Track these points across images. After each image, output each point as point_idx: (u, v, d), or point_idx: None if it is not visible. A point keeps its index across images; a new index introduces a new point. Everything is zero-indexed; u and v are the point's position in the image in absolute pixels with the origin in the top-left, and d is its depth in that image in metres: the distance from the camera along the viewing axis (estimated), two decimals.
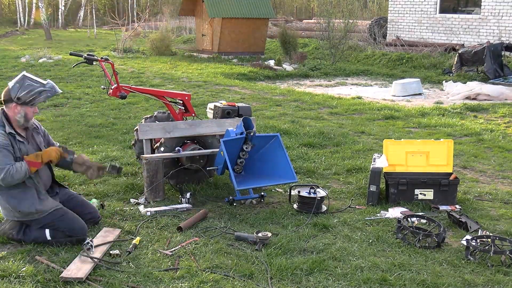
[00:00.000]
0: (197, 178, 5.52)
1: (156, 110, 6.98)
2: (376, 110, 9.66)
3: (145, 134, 5.25)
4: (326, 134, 7.61)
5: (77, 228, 4.09)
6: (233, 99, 10.27)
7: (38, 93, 4.02)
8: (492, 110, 9.82)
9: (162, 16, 31.43)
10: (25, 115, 4.05)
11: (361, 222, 4.60)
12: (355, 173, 6.00)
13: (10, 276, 3.58)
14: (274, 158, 5.10)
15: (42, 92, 4.05)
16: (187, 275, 3.64)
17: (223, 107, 5.88)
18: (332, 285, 3.55)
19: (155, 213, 4.73)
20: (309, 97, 10.98)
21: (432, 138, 7.23)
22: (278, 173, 5.04)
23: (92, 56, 5.36)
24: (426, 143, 5.39)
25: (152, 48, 19.49)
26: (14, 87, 4.00)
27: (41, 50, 17.11)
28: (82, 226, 4.13)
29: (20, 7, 36.41)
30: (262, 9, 19.10)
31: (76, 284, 3.48)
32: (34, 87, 4.02)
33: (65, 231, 4.05)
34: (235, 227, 4.49)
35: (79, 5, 40.84)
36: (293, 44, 17.76)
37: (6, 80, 12.53)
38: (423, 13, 18.51)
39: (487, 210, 4.95)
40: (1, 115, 4.05)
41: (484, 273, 3.72)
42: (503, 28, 16.12)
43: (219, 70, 14.96)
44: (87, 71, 13.78)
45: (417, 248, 4.09)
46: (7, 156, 3.93)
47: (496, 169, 6.26)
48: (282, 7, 42.04)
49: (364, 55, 18.19)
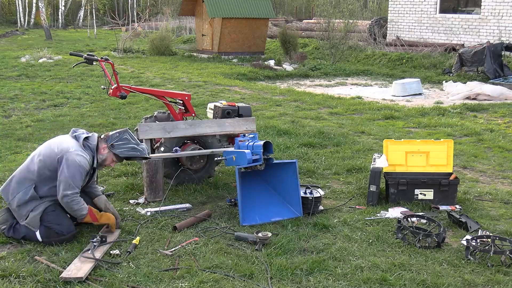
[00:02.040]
0: (197, 178, 5.52)
1: (156, 110, 6.98)
2: (376, 110, 9.66)
3: (145, 134, 5.25)
4: (326, 134, 7.61)
5: (65, 224, 4.10)
6: (233, 99, 10.27)
7: (130, 148, 4.28)
8: (492, 110, 9.82)
9: (162, 16, 31.44)
10: (104, 159, 4.28)
11: (361, 222, 4.60)
12: (355, 173, 6.00)
13: (10, 276, 3.58)
14: (286, 183, 4.87)
15: (133, 149, 4.30)
16: (187, 275, 3.63)
17: (223, 107, 5.88)
18: (332, 285, 3.55)
19: (155, 213, 4.73)
20: (309, 97, 10.98)
21: (432, 138, 7.23)
22: (286, 198, 4.85)
23: (92, 56, 5.36)
24: (426, 143, 5.39)
25: (152, 48, 19.48)
26: (113, 136, 4.32)
27: (41, 50, 17.10)
28: (70, 224, 4.15)
29: (20, 7, 36.40)
30: (262, 9, 19.09)
31: (76, 284, 3.48)
32: (129, 142, 4.29)
33: (51, 225, 4.05)
34: (235, 227, 4.49)
35: (79, 5, 40.83)
36: (293, 44, 17.76)
37: (6, 80, 12.55)
38: (423, 13, 18.50)
39: (487, 210, 4.95)
40: (95, 147, 4.25)
41: (484, 273, 3.72)
42: (503, 28, 16.11)
43: (219, 70, 14.96)
44: (87, 71, 13.78)
45: (417, 248, 4.09)
46: (82, 181, 4.14)
47: (496, 169, 6.26)
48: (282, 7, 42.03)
49: (364, 55, 18.19)
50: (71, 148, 4.10)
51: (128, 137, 4.31)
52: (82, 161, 4.08)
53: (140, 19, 27.22)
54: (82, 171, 4.08)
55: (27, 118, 8.68)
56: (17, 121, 8.53)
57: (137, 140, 4.40)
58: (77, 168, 4.04)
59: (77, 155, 4.08)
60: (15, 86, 11.76)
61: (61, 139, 4.27)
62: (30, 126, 8.18)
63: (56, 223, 4.07)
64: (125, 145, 4.27)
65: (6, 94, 10.77)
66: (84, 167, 4.09)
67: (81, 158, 4.08)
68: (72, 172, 4.02)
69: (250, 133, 5.20)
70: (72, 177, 4.02)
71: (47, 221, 4.08)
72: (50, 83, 12.26)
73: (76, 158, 4.05)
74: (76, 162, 4.04)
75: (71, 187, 4.01)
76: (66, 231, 4.08)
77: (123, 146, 4.27)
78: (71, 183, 4.01)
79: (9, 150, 6.81)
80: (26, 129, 7.99)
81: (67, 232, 4.09)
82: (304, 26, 23.71)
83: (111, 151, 4.26)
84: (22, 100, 10.27)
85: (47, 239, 4.06)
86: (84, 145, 4.20)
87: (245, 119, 5.71)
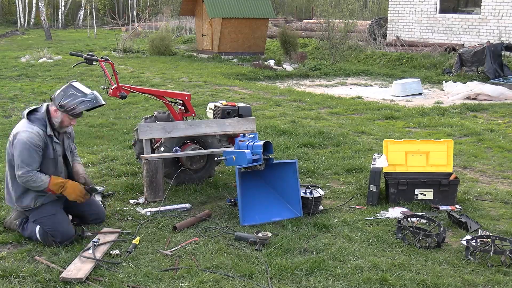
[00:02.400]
0: (197, 178, 5.52)
1: (156, 110, 6.98)
2: (376, 110, 9.66)
3: (145, 134, 5.25)
4: (326, 134, 7.61)
5: (60, 231, 4.05)
6: (233, 99, 10.28)
7: (79, 102, 4.09)
8: (492, 110, 9.82)
9: (162, 16, 31.44)
10: (61, 122, 4.15)
11: (361, 222, 4.60)
12: (355, 173, 6.00)
13: (10, 276, 3.58)
14: (286, 183, 4.87)
15: (83, 102, 4.11)
16: (187, 275, 3.63)
17: (223, 107, 5.87)
18: (332, 285, 3.55)
19: (155, 213, 4.73)
20: (309, 97, 10.98)
21: (432, 138, 7.24)
22: (286, 198, 4.85)
23: (92, 56, 5.36)
24: (426, 143, 5.39)
25: (152, 48, 19.48)
26: (58, 95, 4.11)
27: (41, 50, 17.09)
28: (66, 231, 4.08)
29: (20, 7, 36.40)
30: (262, 9, 19.09)
31: (76, 284, 3.48)
32: (76, 97, 4.10)
33: (48, 230, 4.04)
34: (235, 227, 4.49)
35: (79, 5, 40.83)
36: (293, 44, 17.76)
37: (6, 80, 12.55)
38: (423, 13, 18.50)
39: (487, 210, 4.95)
40: (45, 113, 4.12)
41: (484, 273, 3.72)
42: (503, 28, 16.11)
43: (219, 70, 14.96)
44: (87, 71, 13.78)
45: (417, 248, 4.09)
46: (33, 158, 4.00)
47: (496, 169, 6.26)
48: (282, 7, 42.03)
49: (364, 55, 18.19)
50: (19, 129, 4.03)
51: (74, 92, 4.10)
52: (28, 136, 3.97)
53: (140, 19, 27.23)
54: (30, 147, 3.96)
55: None
56: (17, 121, 8.52)
57: (84, 91, 4.17)
58: (23, 145, 3.95)
59: (23, 132, 4.00)
60: (15, 86, 11.76)
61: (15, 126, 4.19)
62: None
63: (53, 229, 4.04)
64: (73, 101, 4.06)
65: (6, 94, 10.78)
66: (31, 141, 3.97)
67: (26, 134, 3.98)
68: (19, 152, 3.96)
69: (250, 133, 5.19)
70: (20, 156, 3.95)
71: (44, 224, 4.06)
72: (50, 83, 12.26)
73: (22, 136, 3.98)
74: (21, 141, 3.96)
75: (21, 167, 3.96)
76: (61, 239, 4.04)
77: (72, 103, 4.06)
78: (19, 163, 3.96)
79: None
80: None
81: (62, 240, 4.04)
82: (304, 26, 23.71)
83: (62, 112, 4.10)
84: (22, 100, 10.27)
85: (44, 241, 4.07)
86: (31, 119, 4.08)
87: (245, 119, 5.71)
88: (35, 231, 4.10)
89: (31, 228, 4.13)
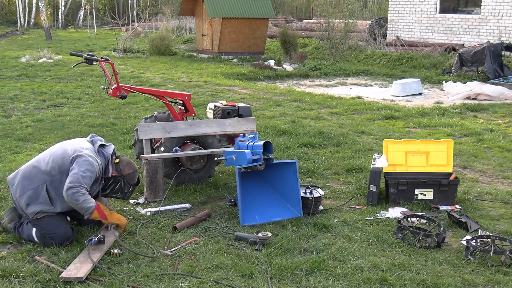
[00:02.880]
0: (197, 178, 5.52)
1: (156, 110, 6.98)
2: (376, 110, 9.66)
3: (145, 134, 5.25)
4: (326, 134, 7.61)
5: (57, 233, 4.02)
6: (233, 99, 10.28)
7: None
8: (492, 110, 9.82)
9: (162, 16, 31.43)
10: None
11: (361, 222, 4.60)
12: (355, 173, 6.00)
13: (10, 276, 3.58)
14: (286, 183, 4.87)
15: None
16: (187, 275, 3.63)
17: (223, 107, 5.88)
18: (332, 285, 3.55)
19: (155, 213, 4.73)
20: (309, 97, 10.98)
21: (432, 138, 7.24)
22: (286, 198, 4.85)
23: (92, 56, 5.36)
24: (426, 143, 5.39)
25: (152, 48, 19.49)
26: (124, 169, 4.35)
27: (41, 50, 17.09)
28: (65, 234, 4.04)
29: (20, 7, 36.39)
30: (262, 9, 19.09)
31: (76, 284, 3.48)
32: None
33: (46, 233, 4.01)
34: (235, 227, 4.49)
35: (79, 5, 40.82)
36: (293, 44, 17.76)
37: (6, 80, 12.55)
38: (423, 13, 18.50)
39: (487, 210, 4.95)
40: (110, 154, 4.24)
41: (484, 273, 3.72)
42: (503, 28, 16.11)
43: (219, 70, 14.96)
44: (87, 71, 13.78)
45: (417, 248, 4.09)
46: (91, 181, 4.02)
47: (496, 169, 6.26)
48: (282, 7, 42.02)
49: (364, 55, 18.19)
50: (84, 150, 4.06)
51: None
52: (94, 163, 4.03)
53: (140, 19, 27.24)
54: (93, 172, 4.00)
55: (27, 118, 8.68)
56: (17, 121, 8.53)
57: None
58: (88, 167, 3.97)
59: (90, 156, 4.04)
60: (15, 86, 11.76)
61: (77, 141, 4.25)
62: (30, 126, 8.18)
63: (51, 231, 4.01)
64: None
65: (6, 94, 10.77)
66: (95, 169, 4.02)
67: (93, 160, 4.04)
68: (83, 170, 3.94)
69: (250, 133, 5.19)
70: (82, 175, 3.92)
71: (40, 227, 4.03)
72: (50, 83, 12.26)
73: (89, 159, 4.01)
74: (88, 161, 3.99)
75: (78, 181, 3.89)
76: (59, 241, 4.01)
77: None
78: (79, 178, 3.90)
79: (9, 150, 6.81)
80: (26, 129, 7.99)
81: (60, 241, 4.01)
82: (304, 26, 23.71)
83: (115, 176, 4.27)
84: (22, 100, 10.27)
85: (43, 242, 4.05)
86: (98, 151, 4.17)
87: (245, 119, 5.71)
88: (31, 234, 4.06)
89: (27, 231, 4.09)
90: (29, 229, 4.08)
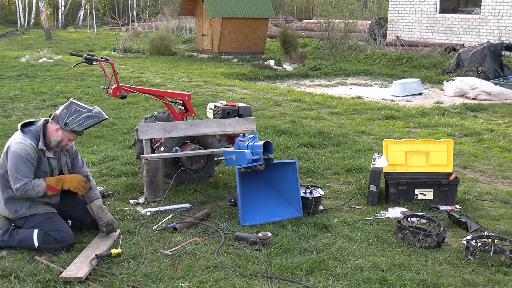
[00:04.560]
0: (197, 178, 5.52)
1: (156, 110, 6.98)
2: (376, 110, 9.66)
3: (145, 134, 5.25)
4: (326, 134, 7.61)
5: (64, 230, 4.02)
6: (233, 99, 10.28)
7: (85, 118, 4.06)
8: (492, 110, 9.82)
9: (162, 16, 31.43)
10: (60, 140, 4.09)
11: (361, 222, 4.60)
12: (355, 173, 6.00)
13: (10, 276, 3.58)
14: (286, 183, 4.87)
15: (90, 117, 4.09)
16: (187, 275, 3.63)
17: (223, 107, 5.88)
18: (332, 285, 3.55)
19: (155, 213, 4.73)
20: (309, 97, 10.98)
21: (432, 138, 7.24)
22: (286, 198, 4.85)
23: (92, 56, 5.36)
24: (426, 143, 5.39)
25: (152, 48, 19.49)
26: (61, 113, 4.06)
27: (41, 50, 17.10)
28: (68, 232, 4.05)
29: (20, 7, 36.39)
30: (262, 9, 19.09)
31: (76, 284, 3.48)
32: (81, 113, 4.07)
33: (52, 232, 3.98)
34: (235, 227, 4.49)
35: (79, 5, 40.82)
36: (293, 44, 17.75)
37: (6, 80, 12.55)
38: (423, 13, 18.50)
39: (487, 210, 4.95)
40: (41, 128, 4.07)
41: (484, 273, 3.72)
42: (503, 28, 16.11)
43: (219, 70, 14.96)
44: (87, 71, 13.78)
45: (417, 248, 4.09)
46: (28, 168, 3.95)
47: (496, 169, 6.26)
48: (282, 7, 42.01)
49: (364, 55, 18.19)
50: (12, 141, 4.00)
51: (77, 108, 4.07)
52: (21, 148, 3.93)
53: (140, 19, 27.23)
54: (23, 158, 3.92)
55: (27, 118, 8.67)
56: (17, 121, 8.52)
57: (87, 107, 4.16)
58: (18, 157, 3.91)
59: (16, 143, 3.96)
60: (15, 86, 11.76)
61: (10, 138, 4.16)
62: None
63: (56, 229, 3.99)
64: (78, 118, 4.03)
65: (6, 94, 10.77)
66: (25, 153, 3.92)
67: (20, 145, 3.94)
68: (15, 164, 3.91)
69: (250, 133, 5.19)
70: (16, 168, 3.90)
71: (45, 227, 4.00)
72: (50, 83, 12.26)
73: (15, 148, 3.93)
74: (15, 152, 3.92)
75: (18, 179, 3.90)
76: (67, 238, 3.99)
77: (77, 120, 4.03)
78: (17, 176, 3.90)
79: None
80: None
81: (68, 238, 4.00)
82: (304, 26, 23.70)
83: (65, 130, 4.04)
84: (22, 100, 10.27)
85: (44, 244, 3.97)
86: (23, 131, 4.04)
87: (245, 119, 5.71)
88: (32, 236, 4.00)
89: (24, 235, 4.02)
90: (28, 233, 4.02)
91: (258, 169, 4.72)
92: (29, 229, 4.05)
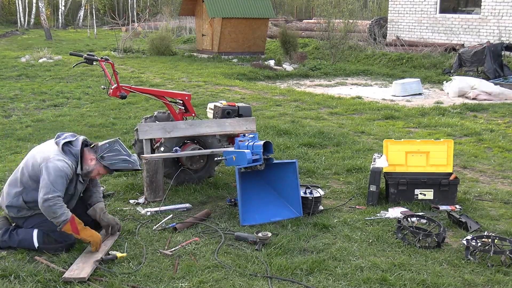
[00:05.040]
0: (197, 178, 5.52)
1: (156, 110, 6.98)
2: (376, 110, 9.66)
3: (145, 134, 5.25)
4: (326, 134, 7.61)
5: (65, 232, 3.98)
6: (233, 99, 10.28)
7: (121, 160, 4.09)
8: (492, 110, 9.82)
9: (162, 16, 31.43)
10: (91, 171, 4.09)
11: (361, 222, 4.60)
12: (355, 173, 6.00)
13: (10, 276, 3.58)
14: (286, 183, 4.87)
15: (125, 161, 4.12)
16: (187, 275, 3.63)
17: (223, 107, 5.88)
18: (332, 285, 3.55)
19: (155, 213, 4.73)
20: (309, 97, 10.98)
21: (432, 138, 7.24)
22: (286, 198, 4.84)
23: (92, 56, 5.36)
24: (426, 143, 5.39)
25: (152, 48, 19.48)
26: (102, 146, 4.10)
27: (41, 50, 17.09)
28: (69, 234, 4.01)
29: (20, 7, 36.39)
30: (262, 9, 19.09)
31: (77, 284, 3.48)
32: (120, 153, 4.10)
33: (51, 233, 3.95)
34: (235, 227, 4.49)
35: (79, 5, 40.82)
36: (293, 44, 17.76)
37: (6, 80, 12.55)
38: (423, 13, 18.50)
39: (487, 210, 4.95)
40: (79, 151, 4.06)
41: (484, 273, 3.73)
42: (503, 28, 16.11)
43: (219, 70, 14.96)
44: (87, 71, 13.78)
45: (417, 248, 4.09)
46: (64, 186, 3.92)
47: (496, 169, 6.26)
48: (282, 7, 42.01)
49: (364, 55, 18.19)
50: (51, 155, 3.95)
51: (119, 148, 4.12)
52: (63, 165, 3.90)
53: (140, 19, 27.23)
54: (64, 175, 3.89)
55: (27, 118, 8.68)
56: (17, 121, 8.53)
57: (128, 151, 4.20)
58: (58, 172, 3.86)
59: (57, 160, 3.92)
60: (15, 86, 11.76)
61: (43, 147, 4.15)
62: (30, 126, 8.19)
63: (56, 229, 3.94)
64: (115, 157, 4.06)
65: (6, 94, 10.77)
66: (65, 171, 3.90)
67: (62, 163, 3.91)
68: (54, 177, 3.84)
69: (250, 133, 5.19)
70: (54, 182, 3.83)
71: (45, 227, 3.97)
72: (50, 83, 12.26)
73: (57, 164, 3.89)
74: (57, 167, 3.87)
75: (53, 191, 3.82)
76: (67, 238, 3.96)
77: (114, 158, 4.06)
78: (52, 187, 3.82)
79: (9, 150, 6.82)
80: (26, 129, 7.99)
81: (68, 238, 3.96)
82: (304, 26, 23.70)
83: (99, 163, 4.05)
84: (22, 100, 10.27)
85: (44, 245, 3.96)
86: (65, 151, 4.01)
87: (245, 119, 5.71)
88: (31, 237, 3.99)
89: (24, 234, 4.01)
90: (28, 232, 4.01)
91: (258, 169, 4.72)
92: (29, 229, 4.03)
